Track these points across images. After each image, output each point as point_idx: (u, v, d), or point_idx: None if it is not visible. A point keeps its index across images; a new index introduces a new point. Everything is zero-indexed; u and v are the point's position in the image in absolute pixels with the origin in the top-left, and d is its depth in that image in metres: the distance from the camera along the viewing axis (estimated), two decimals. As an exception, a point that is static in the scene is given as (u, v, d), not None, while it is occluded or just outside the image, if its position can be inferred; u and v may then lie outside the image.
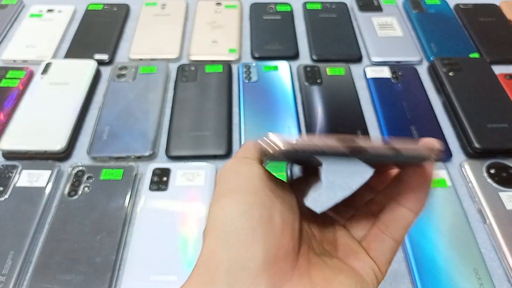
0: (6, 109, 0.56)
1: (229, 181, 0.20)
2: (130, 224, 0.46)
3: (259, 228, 0.18)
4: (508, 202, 0.47)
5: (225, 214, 0.18)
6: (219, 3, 0.73)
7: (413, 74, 0.62)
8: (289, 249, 0.19)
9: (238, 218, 0.18)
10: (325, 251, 0.22)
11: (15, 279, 0.41)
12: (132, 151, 0.52)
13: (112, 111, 0.56)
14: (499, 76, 0.60)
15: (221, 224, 0.18)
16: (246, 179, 0.20)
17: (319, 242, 0.22)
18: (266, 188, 0.20)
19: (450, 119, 0.57)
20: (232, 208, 0.19)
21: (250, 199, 0.19)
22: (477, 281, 0.41)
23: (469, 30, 0.69)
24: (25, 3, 0.75)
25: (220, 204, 0.19)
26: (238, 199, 0.19)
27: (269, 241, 0.18)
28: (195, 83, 0.60)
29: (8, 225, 0.45)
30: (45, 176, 0.49)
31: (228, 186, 0.20)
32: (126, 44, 0.68)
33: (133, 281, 0.41)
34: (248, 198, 0.19)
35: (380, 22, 0.70)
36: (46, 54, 0.64)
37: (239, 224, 0.18)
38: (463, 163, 0.51)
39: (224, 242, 0.18)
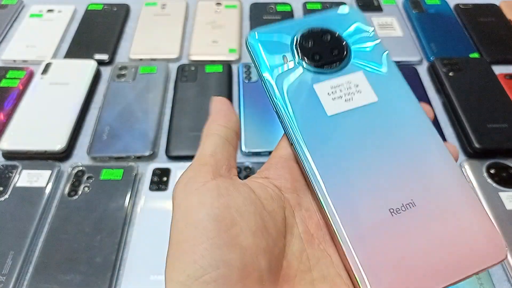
0: (6, 109, 0.56)
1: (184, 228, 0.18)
2: (130, 224, 0.46)
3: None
4: (508, 202, 0.47)
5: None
6: (219, 3, 0.73)
7: (413, 74, 0.62)
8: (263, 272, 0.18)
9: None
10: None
11: (15, 279, 0.41)
12: (132, 151, 0.52)
13: (112, 111, 0.56)
14: (499, 76, 0.60)
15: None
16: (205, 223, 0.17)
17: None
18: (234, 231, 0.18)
19: (450, 119, 0.57)
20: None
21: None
22: (477, 281, 0.41)
23: (469, 30, 0.69)
24: (25, 3, 0.75)
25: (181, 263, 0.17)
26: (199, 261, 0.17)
27: None
28: (195, 83, 0.60)
29: (8, 225, 0.45)
30: (45, 176, 0.49)
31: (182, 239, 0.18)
32: (126, 44, 0.68)
33: (133, 281, 0.41)
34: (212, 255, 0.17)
35: (380, 22, 0.70)
36: (46, 54, 0.64)
37: None
38: (463, 163, 0.51)
39: None
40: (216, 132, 0.22)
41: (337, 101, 0.22)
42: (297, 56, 0.23)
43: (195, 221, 0.18)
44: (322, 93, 0.22)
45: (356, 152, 0.21)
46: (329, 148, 0.21)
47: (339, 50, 0.24)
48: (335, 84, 0.23)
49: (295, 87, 0.22)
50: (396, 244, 0.19)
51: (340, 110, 0.22)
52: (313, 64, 0.23)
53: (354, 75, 0.23)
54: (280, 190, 0.21)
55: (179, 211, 0.19)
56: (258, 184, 0.21)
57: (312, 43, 0.24)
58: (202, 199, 0.18)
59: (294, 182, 0.22)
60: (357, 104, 0.22)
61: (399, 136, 0.22)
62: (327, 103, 0.22)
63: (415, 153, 0.21)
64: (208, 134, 0.22)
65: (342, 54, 0.23)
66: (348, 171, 0.20)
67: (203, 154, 0.21)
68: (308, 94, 0.22)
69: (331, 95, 0.22)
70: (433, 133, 0.22)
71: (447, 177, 0.21)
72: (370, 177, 0.20)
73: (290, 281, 0.19)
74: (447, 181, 0.21)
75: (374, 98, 0.22)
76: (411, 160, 0.21)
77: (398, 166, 0.21)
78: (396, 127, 0.22)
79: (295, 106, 0.22)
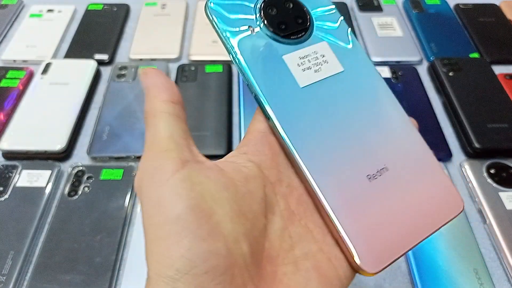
0: (6, 109, 0.56)
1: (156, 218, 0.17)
2: (130, 224, 0.46)
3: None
4: (508, 202, 0.47)
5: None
6: (219, 3, 0.73)
7: (413, 74, 0.62)
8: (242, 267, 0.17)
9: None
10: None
11: (15, 279, 0.41)
12: (132, 151, 0.52)
13: (112, 111, 0.56)
14: (499, 76, 0.60)
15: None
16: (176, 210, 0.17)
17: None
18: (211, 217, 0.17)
19: (450, 119, 0.57)
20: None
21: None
22: (477, 281, 0.41)
23: (469, 30, 0.69)
24: (25, 3, 0.75)
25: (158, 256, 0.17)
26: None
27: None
28: (195, 83, 0.60)
29: (8, 225, 0.45)
30: (45, 176, 0.49)
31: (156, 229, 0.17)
32: (126, 44, 0.68)
33: (133, 281, 0.41)
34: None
35: (380, 22, 0.70)
36: (46, 54, 0.64)
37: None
38: (463, 163, 0.51)
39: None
40: (164, 110, 0.20)
41: (307, 72, 0.22)
42: (263, 24, 0.22)
43: (175, 215, 0.17)
44: (292, 64, 0.22)
45: (331, 122, 0.21)
46: (305, 120, 0.21)
47: (304, 19, 0.23)
48: (303, 54, 0.22)
49: (263, 57, 0.22)
50: (377, 208, 0.20)
51: (311, 81, 0.22)
52: (279, 34, 0.22)
53: (319, 45, 0.23)
54: (259, 166, 0.20)
55: (152, 205, 0.18)
56: (232, 165, 0.20)
57: (277, 11, 0.23)
58: (178, 191, 0.17)
59: (274, 157, 0.21)
60: (326, 75, 0.22)
61: (367, 105, 0.22)
62: (298, 74, 0.22)
63: (382, 121, 0.22)
64: (155, 114, 0.20)
65: (307, 24, 0.23)
66: (327, 142, 0.21)
67: (159, 138, 0.19)
68: (278, 66, 0.22)
69: (300, 66, 0.22)
70: (395, 102, 0.23)
71: (411, 141, 0.22)
72: (347, 146, 0.21)
73: (273, 261, 0.19)
74: (412, 146, 0.22)
75: (340, 68, 0.23)
76: (380, 127, 0.22)
77: (370, 134, 0.22)
78: (363, 97, 0.23)
79: (267, 78, 0.21)
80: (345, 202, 0.20)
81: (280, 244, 0.19)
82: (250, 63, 0.21)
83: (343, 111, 0.22)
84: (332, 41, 0.23)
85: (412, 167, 0.21)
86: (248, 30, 0.22)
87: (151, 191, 0.18)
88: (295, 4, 0.24)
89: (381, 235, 0.19)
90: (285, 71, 0.22)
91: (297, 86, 0.22)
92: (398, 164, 0.21)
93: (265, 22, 0.22)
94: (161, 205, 0.17)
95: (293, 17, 0.23)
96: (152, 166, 0.18)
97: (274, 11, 0.23)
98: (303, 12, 0.23)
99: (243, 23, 0.22)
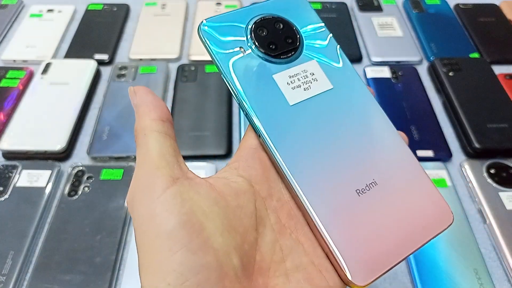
0: (6, 109, 0.56)
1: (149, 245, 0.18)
2: (130, 224, 0.46)
3: None
4: (508, 202, 0.47)
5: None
6: (219, 3, 0.73)
7: (413, 74, 0.62)
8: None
9: None
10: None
11: (15, 279, 0.41)
12: (132, 151, 0.52)
13: (112, 111, 0.56)
14: (499, 76, 0.60)
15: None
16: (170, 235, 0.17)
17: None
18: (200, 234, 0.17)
19: (450, 119, 0.57)
20: None
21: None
22: (477, 281, 0.41)
23: (469, 30, 0.69)
24: (25, 3, 0.75)
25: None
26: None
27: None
28: (195, 83, 0.60)
29: (8, 225, 0.45)
30: (45, 176, 0.49)
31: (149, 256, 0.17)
32: (126, 44, 0.68)
33: (133, 281, 0.41)
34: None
35: (380, 22, 0.70)
36: (46, 54, 0.64)
37: None
38: (463, 163, 0.51)
39: None
40: (154, 128, 0.21)
41: (297, 90, 0.23)
42: (254, 45, 0.23)
43: (167, 230, 0.17)
44: (282, 83, 0.23)
45: (320, 138, 0.22)
46: (295, 136, 0.22)
47: (294, 39, 0.24)
48: (293, 73, 0.23)
49: (254, 78, 0.23)
50: (366, 222, 0.20)
51: (301, 99, 0.23)
52: (270, 54, 0.23)
53: (309, 64, 0.24)
54: (250, 181, 0.21)
55: (144, 222, 0.18)
56: (222, 181, 0.21)
57: (267, 32, 0.24)
58: (168, 208, 0.18)
59: (265, 172, 0.22)
60: (315, 92, 0.23)
61: (356, 121, 0.23)
62: (288, 92, 0.23)
63: (371, 136, 0.23)
64: (145, 133, 0.21)
65: (297, 43, 0.24)
66: (317, 158, 0.21)
67: (150, 156, 0.20)
68: (268, 85, 0.23)
69: (290, 84, 0.23)
70: (384, 117, 0.24)
71: (400, 156, 0.23)
72: (336, 162, 0.21)
73: (264, 273, 0.19)
74: (400, 160, 0.22)
75: (329, 85, 0.23)
76: (369, 142, 0.22)
77: (358, 149, 0.22)
78: (352, 113, 0.23)
79: (258, 97, 0.22)
80: (334, 216, 0.20)
81: (271, 257, 0.20)
82: (241, 83, 0.22)
83: (332, 127, 0.22)
84: (322, 59, 0.24)
85: (401, 181, 0.22)
86: (239, 51, 0.23)
87: (143, 208, 0.18)
88: (285, 24, 0.24)
89: (371, 248, 0.20)
90: (275, 89, 0.22)
91: (287, 104, 0.22)
92: (387, 178, 0.21)
93: (256, 43, 0.23)
94: (153, 221, 0.18)
95: (283, 37, 0.24)
96: (143, 184, 0.19)
97: (264, 32, 0.24)
98: (293, 32, 0.24)
99: (234, 44, 0.23)
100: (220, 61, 0.23)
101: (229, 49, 0.23)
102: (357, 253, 0.19)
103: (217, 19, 0.24)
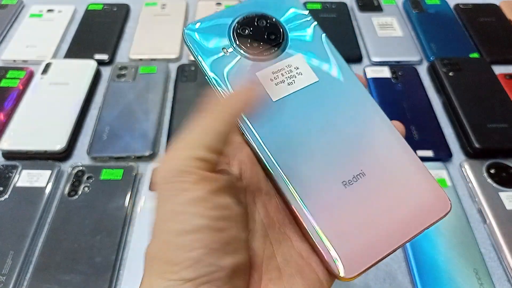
0: (6, 109, 0.56)
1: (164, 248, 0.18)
2: (130, 224, 0.46)
3: None
4: (508, 202, 0.47)
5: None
6: (219, 3, 0.73)
7: (413, 74, 0.62)
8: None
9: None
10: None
11: (15, 279, 0.41)
12: (132, 151, 0.52)
13: (112, 111, 0.56)
14: (499, 76, 0.60)
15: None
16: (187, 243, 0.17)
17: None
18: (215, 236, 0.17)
19: (450, 119, 0.57)
20: None
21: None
22: (477, 281, 0.41)
23: (469, 30, 0.69)
24: (25, 3, 0.75)
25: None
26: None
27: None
28: (195, 83, 0.60)
29: (8, 225, 0.45)
30: (45, 176, 0.49)
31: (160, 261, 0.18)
32: (126, 44, 0.68)
33: (133, 281, 0.41)
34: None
35: (380, 22, 0.70)
36: (46, 54, 0.64)
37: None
38: (463, 163, 0.51)
39: None
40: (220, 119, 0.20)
41: (280, 85, 0.23)
42: (236, 45, 0.23)
43: (194, 227, 0.17)
44: (265, 80, 0.23)
45: (305, 131, 0.22)
46: (280, 131, 0.22)
47: (277, 36, 0.24)
48: (276, 69, 0.23)
49: (239, 77, 0.22)
50: (353, 213, 0.20)
51: (284, 94, 0.22)
52: (252, 52, 0.23)
53: (293, 58, 0.23)
54: (240, 176, 0.21)
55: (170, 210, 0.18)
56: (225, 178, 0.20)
57: (249, 30, 0.23)
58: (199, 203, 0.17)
59: (253, 167, 0.22)
60: (299, 86, 0.23)
61: (343, 112, 0.22)
62: (271, 89, 0.22)
63: (359, 126, 0.22)
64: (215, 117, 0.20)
65: (280, 39, 0.24)
66: (301, 151, 0.21)
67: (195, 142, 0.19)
68: (253, 83, 0.22)
69: (273, 80, 0.23)
70: (375, 106, 0.23)
71: (391, 145, 0.22)
72: (321, 154, 0.21)
73: (259, 268, 0.19)
74: (391, 149, 0.22)
75: (315, 78, 0.23)
76: (357, 133, 0.22)
77: (346, 140, 0.22)
78: (339, 103, 0.23)
79: None
80: (318, 209, 0.20)
81: (263, 252, 0.20)
82: (227, 85, 0.22)
83: (317, 120, 0.22)
84: (307, 52, 0.24)
85: (392, 171, 0.21)
86: (223, 52, 0.23)
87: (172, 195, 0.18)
88: (268, 21, 0.24)
89: (358, 240, 0.19)
90: (259, 87, 0.22)
91: (270, 101, 0.22)
92: (376, 169, 0.21)
93: (238, 43, 0.23)
94: (180, 213, 0.17)
95: (265, 34, 0.24)
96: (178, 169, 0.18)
97: (246, 31, 0.23)
98: (276, 28, 0.24)
99: (218, 45, 0.23)
100: (204, 63, 0.23)
101: (213, 51, 0.23)
102: (342, 245, 0.19)
103: (201, 22, 0.24)
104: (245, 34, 0.23)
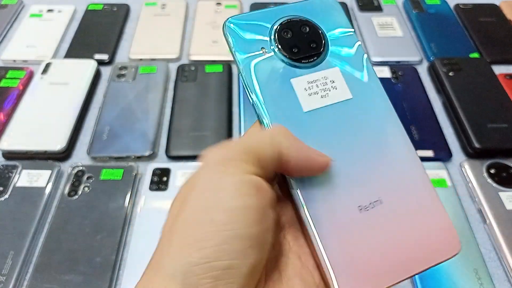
0: (6, 109, 0.56)
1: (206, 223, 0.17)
2: (130, 224, 0.46)
3: None
4: (508, 202, 0.47)
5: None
6: (219, 3, 0.73)
7: (413, 74, 0.62)
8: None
9: None
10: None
11: (15, 279, 0.41)
12: (132, 151, 0.52)
13: (112, 111, 0.56)
14: (499, 76, 0.60)
15: None
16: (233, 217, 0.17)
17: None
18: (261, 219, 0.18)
19: (450, 119, 0.57)
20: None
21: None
22: (477, 281, 0.41)
23: (469, 30, 0.69)
24: (25, 3, 0.75)
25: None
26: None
27: None
28: (195, 83, 0.60)
29: (8, 225, 0.45)
30: (45, 176, 0.49)
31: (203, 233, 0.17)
32: (126, 44, 0.68)
33: (133, 281, 0.41)
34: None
35: (380, 22, 0.70)
36: (46, 54, 0.64)
37: None
38: (463, 163, 0.51)
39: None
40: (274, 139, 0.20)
41: (313, 96, 0.22)
42: (275, 46, 0.23)
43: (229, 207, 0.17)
44: (299, 88, 0.22)
45: (329, 149, 0.21)
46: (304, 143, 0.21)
47: (319, 44, 0.23)
48: (312, 79, 0.22)
49: (272, 80, 0.22)
50: (363, 240, 0.20)
51: (316, 106, 0.22)
52: (291, 57, 0.22)
53: (330, 71, 0.23)
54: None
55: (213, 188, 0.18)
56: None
57: (291, 34, 0.23)
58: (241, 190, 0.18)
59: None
60: (332, 101, 0.22)
61: (370, 135, 0.22)
62: (303, 98, 0.22)
63: (385, 153, 0.22)
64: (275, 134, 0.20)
65: (321, 49, 0.23)
66: None
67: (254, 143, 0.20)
68: (285, 88, 0.22)
69: (307, 90, 0.22)
70: (403, 135, 0.22)
71: (412, 177, 0.22)
72: (342, 175, 0.21)
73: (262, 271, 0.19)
74: (412, 181, 0.21)
75: (349, 95, 0.22)
76: (381, 159, 0.21)
77: (369, 165, 0.21)
78: (368, 126, 0.22)
79: (272, 99, 0.22)
80: (331, 231, 0.20)
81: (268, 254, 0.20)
82: (258, 84, 0.22)
83: (343, 139, 0.21)
84: (345, 67, 0.23)
85: (409, 203, 0.21)
86: (261, 52, 0.22)
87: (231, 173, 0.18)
88: (311, 28, 0.23)
89: (363, 267, 0.19)
90: (292, 94, 0.22)
91: (301, 110, 0.22)
92: (394, 198, 0.21)
93: (278, 45, 0.22)
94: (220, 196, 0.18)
95: (307, 41, 0.23)
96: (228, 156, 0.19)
97: (289, 34, 0.23)
98: (318, 37, 0.23)
99: (257, 44, 0.23)
100: (240, 59, 0.22)
101: (251, 48, 0.22)
102: (347, 269, 0.19)
103: (244, 18, 0.23)
104: (287, 37, 0.23)
